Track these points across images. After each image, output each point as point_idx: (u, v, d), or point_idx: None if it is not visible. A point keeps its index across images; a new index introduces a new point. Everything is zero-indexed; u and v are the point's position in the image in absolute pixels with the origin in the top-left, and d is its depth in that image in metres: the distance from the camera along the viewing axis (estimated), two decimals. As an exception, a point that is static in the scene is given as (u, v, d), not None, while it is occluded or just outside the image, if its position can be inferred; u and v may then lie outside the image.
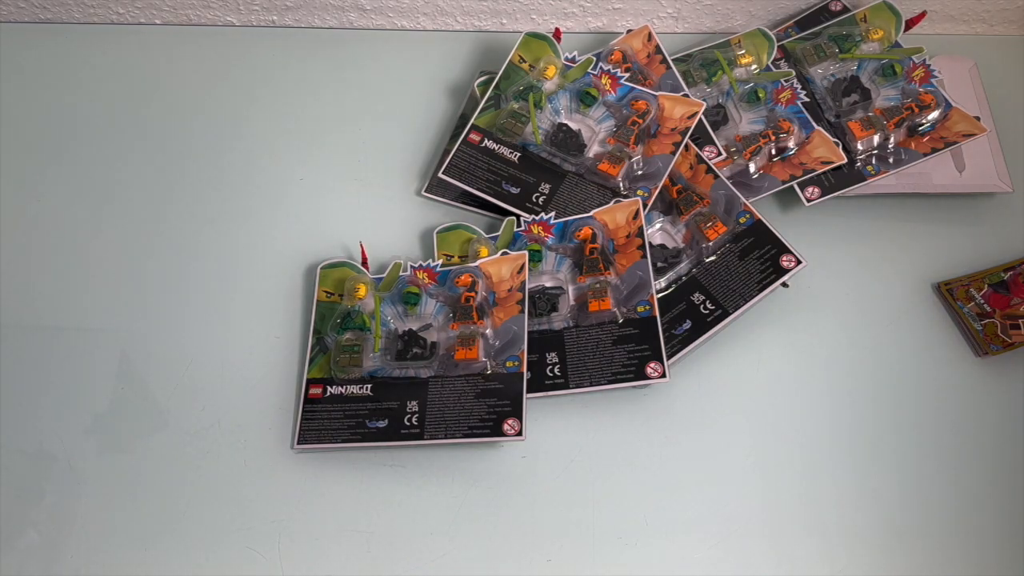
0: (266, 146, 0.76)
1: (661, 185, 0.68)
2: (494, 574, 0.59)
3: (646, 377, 0.61)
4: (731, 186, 0.68)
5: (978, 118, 0.70)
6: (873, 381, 0.65)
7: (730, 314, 0.64)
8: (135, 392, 0.65)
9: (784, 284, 0.65)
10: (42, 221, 0.72)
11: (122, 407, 0.64)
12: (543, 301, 0.65)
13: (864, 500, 0.61)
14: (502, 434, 0.60)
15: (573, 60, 0.73)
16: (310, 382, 0.64)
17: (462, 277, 0.65)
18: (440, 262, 0.66)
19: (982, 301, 0.66)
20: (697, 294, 0.65)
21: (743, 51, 0.75)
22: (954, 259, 0.70)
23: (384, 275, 0.67)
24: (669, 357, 0.63)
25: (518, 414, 0.60)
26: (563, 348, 0.64)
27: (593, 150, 0.71)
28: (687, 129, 0.69)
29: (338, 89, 0.79)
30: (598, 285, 0.65)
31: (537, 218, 0.67)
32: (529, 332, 0.64)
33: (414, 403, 0.62)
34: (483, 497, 0.61)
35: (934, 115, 0.70)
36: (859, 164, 0.70)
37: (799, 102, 0.71)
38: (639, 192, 0.68)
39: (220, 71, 0.80)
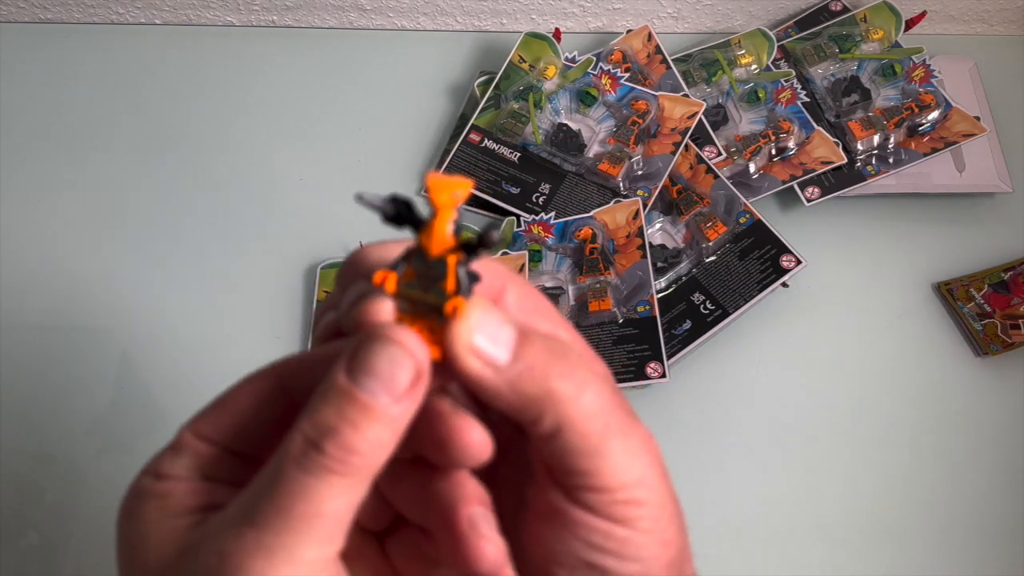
0: (266, 146, 0.76)
1: (661, 185, 0.68)
2: (494, 574, 0.59)
3: (646, 377, 0.61)
4: (731, 186, 0.68)
5: (978, 118, 0.70)
6: (873, 381, 0.65)
7: (730, 314, 0.64)
8: (135, 392, 0.65)
9: (784, 284, 0.65)
10: (42, 221, 0.72)
11: (122, 407, 0.64)
12: (543, 301, 0.65)
13: (864, 500, 0.61)
14: (502, 434, 0.60)
15: (573, 60, 0.73)
16: (310, 382, 0.64)
17: (462, 277, 0.65)
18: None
19: (982, 301, 0.66)
20: (697, 294, 0.65)
21: (743, 51, 0.75)
22: (954, 259, 0.69)
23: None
24: (669, 357, 0.63)
25: (518, 414, 0.60)
26: (563, 348, 0.63)
27: (593, 150, 0.71)
28: (687, 129, 0.69)
29: (338, 89, 0.79)
30: (598, 285, 0.65)
31: (537, 218, 0.67)
32: (529, 332, 0.63)
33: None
34: (483, 497, 0.61)
35: (934, 115, 0.70)
36: (859, 164, 0.70)
37: (799, 102, 0.71)
38: (639, 192, 0.68)
39: (220, 71, 0.80)
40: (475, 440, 0.24)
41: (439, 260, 0.23)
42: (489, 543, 0.24)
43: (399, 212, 0.23)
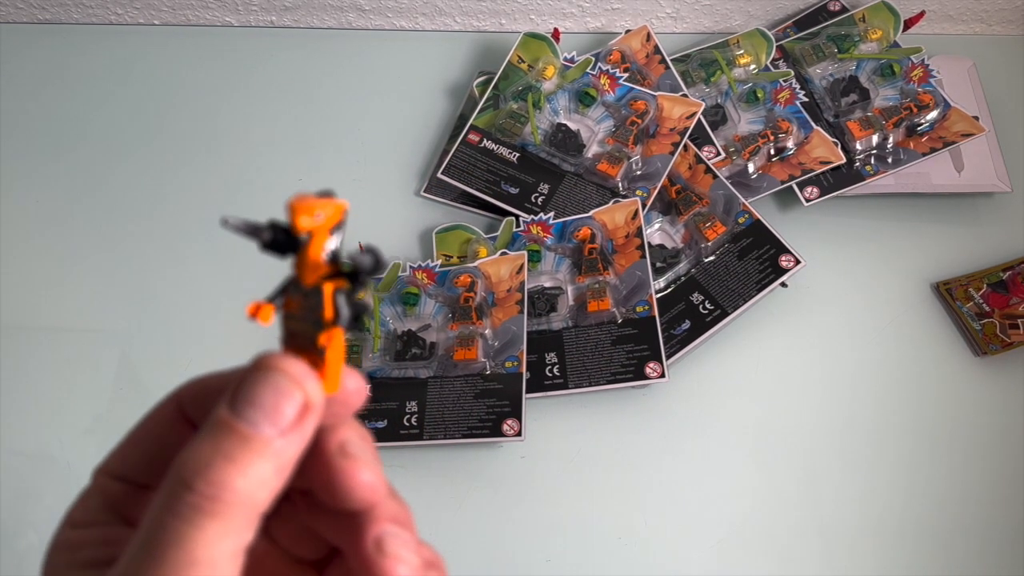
0: (264, 146, 0.76)
1: (660, 185, 0.68)
2: (494, 574, 0.59)
3: (645, 377, 0.61)
4: (730, 186, 0.68)
5: (977, 118, 0.70)
6: (872, 381, 0.65)
7: (729, 314, 0.64)
8: (134, 393, 0.65)
9: (783, 284, 0.65)
10: (41, 221, 0.72)
11: (122, 408, 0.64)
12: (542, 301, 0.65)
13: (863, 500, 0.61)
14: (501, 435, 0.60)
15: (572, 60, 0.73)
16: (309, 382, 0.64)
17: (461, 277, 0.65)
18: (439, 262, 0.66)
19: (981, 301, 0.66)
20: (696, 294, 0.65)
21: (742, 51, 0.75)
22: (953, 259, 0.70)
23: (383, 275, 0.67)
24: (668, 357, 0.63)
25: (517, 414, 0.60)
26: (562, 348, 0.64)
27: (592, 150, 0.71)
28: (686, 129, 0.69)
29: (337, 89, 0.79)
30: (597, 285, 0.65)
31: (536, 218, 0.67)
32: (528, 332, 0.64)
33: (413, 403, 0.62)
34: (483, 497, 0.61)
35: (933, 115, 0.70)
36: (858, 164, 0.70)
37: (798, 102, 0.71)
38: (638, 192, 0.68)
39: (219, 71, 0.80)
40: (364, 482, 0.22)
41: (315, 288, 0.21)
42: (399, 563, 0.22)
43: (276, 239, 0.21)
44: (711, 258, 0.67)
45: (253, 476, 0.20)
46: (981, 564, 0.59)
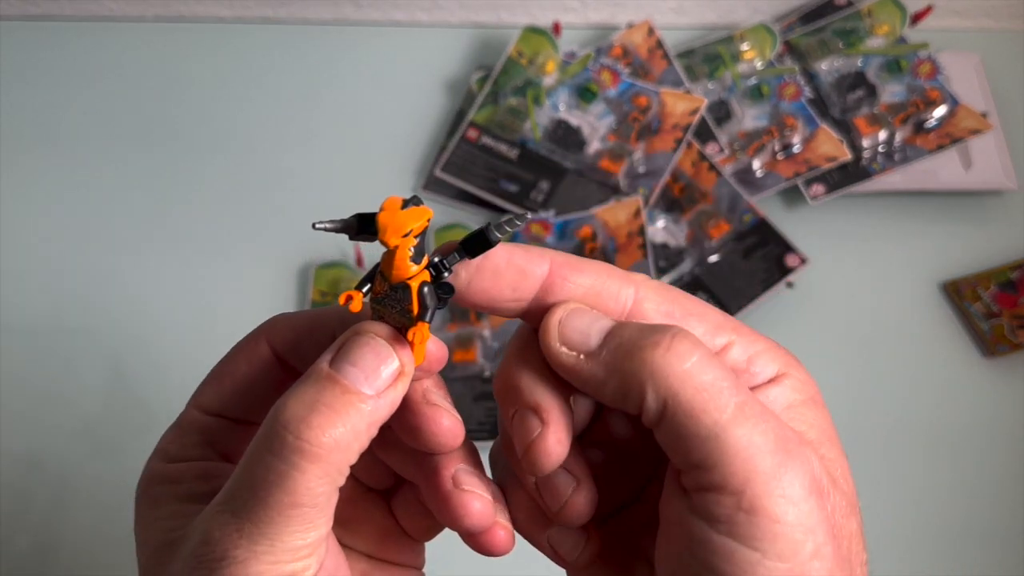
0: (259, 143, 0.74)
1: (663, 183, 0.67)
2: (493, 575, 0.58)
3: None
4: (734, 184, 0.67)
5: (985, 114, 0.69)
6: (878, 381, 0.64)
7: (733, 314, 0.63)
8: (127, 395, 0.64)
9: (788, 284, 0.64)
10: (33, 220, 0.71)
11: (113, 411, 0.63)
12: (543, 301, 0.64)
13: (868, 500, 0.60)
14: (501, 437, 0.59)
15: (573, 55, 0.72)
16: (305, 384, 0.63)
17: (460, 277, 0.64)
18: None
19: (989, 301, 0.65)
20: (700, 293, 0.64)
21: (746, 46, 0.74)
22: (961, 258, 0.68)
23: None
24: (671, 358, 0.62)
25: (517, 417, 0.59)
26: (563, 349, 0.62)
27: (593, 147, 0.69)
28: (689, 125, 0.68)
29: (332, 85, 0.77)
30: (599, 285, 0.64)
31: (536, 216, 0.66)
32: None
33: (411, 406, 0.61)
34: (482, 501, 0.60)
35: (940, 111, 0.69)
36: (864, 161, 0.69)
37: (803, 98, 0.70)
38: (640, 190, 0.67)
39: (212, 66, 0.78)
40: (446, 427, 0.24)
41: (401, 284, 0.23)
42: (474, 498, 0.24)
43: (363, 229, 0.24)
44: (715, 257, 0.65)
45: (350, 427, 0.21)
46: (988, 565, 0.58)
